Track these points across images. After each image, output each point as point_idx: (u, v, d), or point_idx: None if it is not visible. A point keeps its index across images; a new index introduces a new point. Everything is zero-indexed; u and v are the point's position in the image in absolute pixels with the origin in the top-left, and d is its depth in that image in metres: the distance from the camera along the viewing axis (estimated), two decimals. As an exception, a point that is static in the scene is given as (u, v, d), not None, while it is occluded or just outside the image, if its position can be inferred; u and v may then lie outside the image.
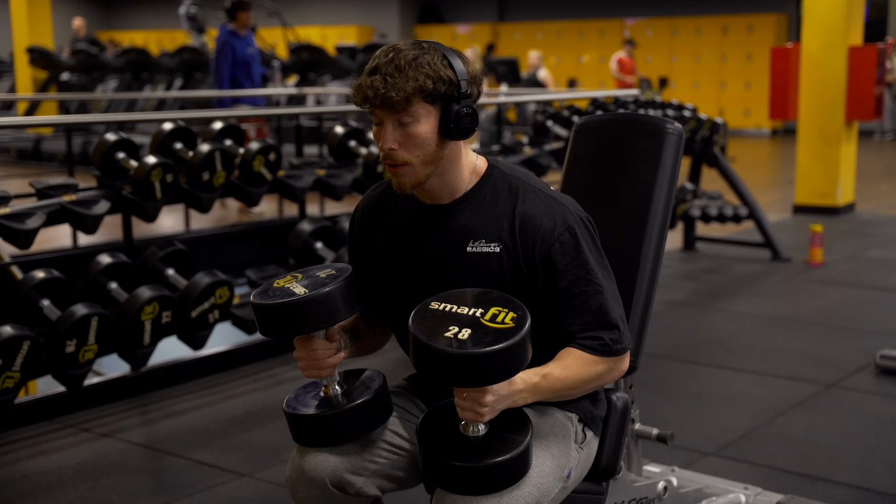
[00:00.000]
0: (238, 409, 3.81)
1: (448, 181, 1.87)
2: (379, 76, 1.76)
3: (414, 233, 1.92)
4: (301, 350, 1.83)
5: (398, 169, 1.82)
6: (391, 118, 1.79)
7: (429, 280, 1.88)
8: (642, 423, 2.50)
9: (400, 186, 1.84)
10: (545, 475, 1.80)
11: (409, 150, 1.80)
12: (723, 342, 4.66)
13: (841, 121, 7.99)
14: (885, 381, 4.04)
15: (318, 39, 17.76)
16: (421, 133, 1.79)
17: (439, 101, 1.79)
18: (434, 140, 1.81)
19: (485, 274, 1.85)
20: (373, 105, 1.78)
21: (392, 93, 1.74)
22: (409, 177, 1.83)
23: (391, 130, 1.79)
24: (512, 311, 1.71)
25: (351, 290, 1.83)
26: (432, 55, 1.78)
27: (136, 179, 3.91)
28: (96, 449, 3.39)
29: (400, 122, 1.78)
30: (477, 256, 1.85)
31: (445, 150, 1.83)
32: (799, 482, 3.06)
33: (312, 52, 11.59)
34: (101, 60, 13.38)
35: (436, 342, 1.66)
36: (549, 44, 17.99)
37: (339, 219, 4.70)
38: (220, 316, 3.93)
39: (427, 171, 1.83)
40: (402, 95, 1.75)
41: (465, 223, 1.87)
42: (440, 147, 1.82)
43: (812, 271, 6.11)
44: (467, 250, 1.86)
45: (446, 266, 1.88)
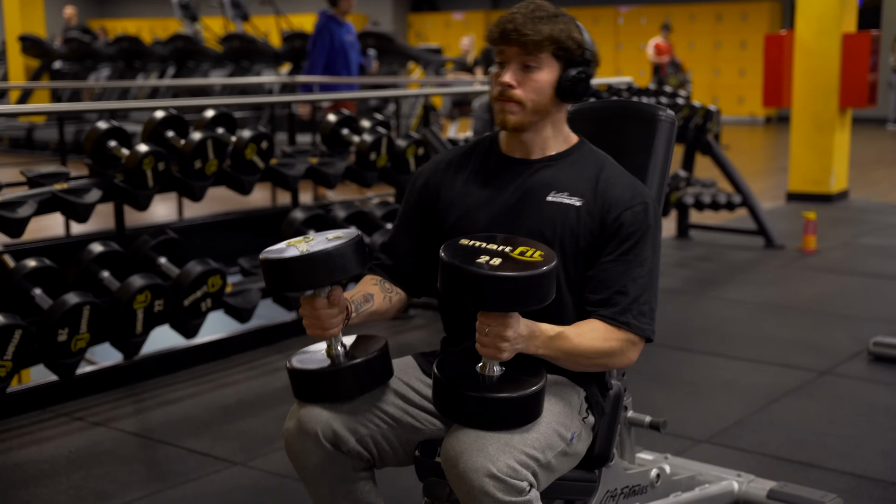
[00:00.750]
0: (231, 397, 3.81)
1: (543, 139, 2.01)
2: (520, 16, 1.91)
3: (494, 182, 2.02)
4: (306, 308, 1.87)
5: (509, 104, 1.94)
6: (518, 59, 1.93)
7: (502, 227, 1.96)
8: (635, 410, 2.51)
9: (503, 123, 1.97)
10: (551, 429, 1.84)
11: (525, 91, 1.94)
12: (716, 329, 4.67)
13: (835, 108, 7.99)
14: (877, 367, 4.05)
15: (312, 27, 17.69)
16: (541, 80, 1.94)
17: (563, 60, 1.94)
18: (549, 93, 1.95)
19: (561, 223, 1.94)
20: (507, 41, 1.92)
21: (529, 31, 1.89)
22: (516, 115, 1.95)
23: (514, 69, 1.94)
24: (539, 251, 1.79)
25: (356, 252, 1.87)
26: (569, 19, 1.96)
27: (127, 168, 3.89)
28: (89, 438, 3.39)
29: (525, 64, 1.93)
30: (556, 206, 1.96)
31: (553, 107, 1.98)
32: (791, 469, 3.07)
33: (306, 39, 11.53)
34: (94, 49, 13.33)
35: (468, 265, 1.72)
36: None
37: (332, 207, 4.69)
38: (212, 304, 3.92)
39: (532, 118, 1.97)
40: (537, 38, 1.90)
41: (548, 177, 1.99)
42: (551, 102, 1.96)
43: (805, 259, 6.12)
44: (547, 199, 1.97)
45: (521, 213, 1.97)
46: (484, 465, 1.70)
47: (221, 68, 12.35)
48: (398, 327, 4.77)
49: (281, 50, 11.70)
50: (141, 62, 13.05)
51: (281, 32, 12.35)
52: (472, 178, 2.05)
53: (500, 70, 1.96)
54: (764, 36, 8.71)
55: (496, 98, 1.97)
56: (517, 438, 1.76)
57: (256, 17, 14.35)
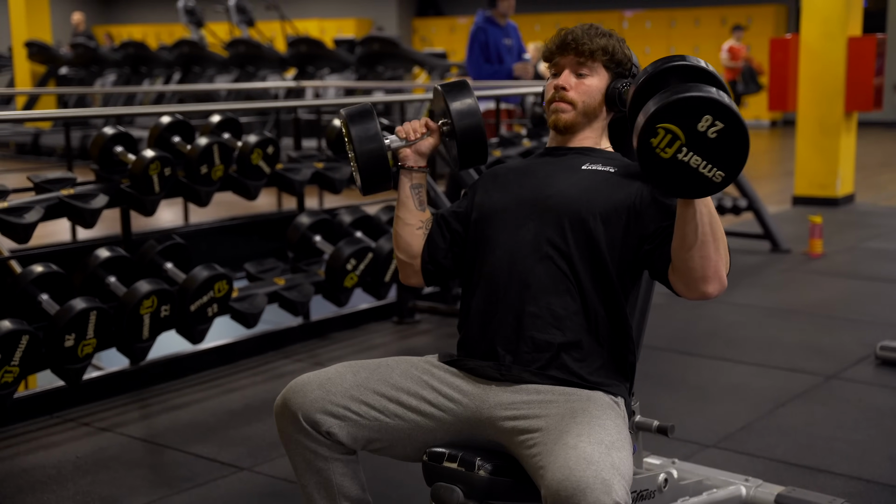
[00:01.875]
0: (238, 402, 3.81)
1: (586, 140, 2.19)
2: (579, 30, 2.16)
3: (532, 164, 2.20)
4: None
5: (562, 104, 2.15)
6: (572, 66, 2.15)
7: (535, 190, 2.10)
8: (642, 415, 2.49)
9: (556, 122, 2.16)
10: (628, 450, 1.84)
11: (577, 93, 2.14)
12: (722, 334, 4.66)
13: (840, 112, 7.97)
14: (885, 372, 4.03)
15: (317, 32, 17.73)
16: (592, 86, 2.15)
17: (613, 71, 2.16)
18: (598, 98, 2.15)
19: (596, 185, 2.05)
20: (564, 50, 2.15)
21: (586, 41, 2.13)
22: (568, 114, 2.15)
23: (569, 75, 2.15)
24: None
25: None
26: (620, 38, 2.19)
27: (134, 173, 3.90)
28: (96, 443, 3.39)
29: (578, 72, 2.15)
30: (591, 171, 2.10)
31: (601, 113, 2.18)
32: (799, 474, 3.06)
33: (311, 45, 11.57)
34: (100, 54, 13.36)
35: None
36: (547, 36, 17.74)
37: (338, 212, 4.69)
38: (218, 310, 3.92)
39: (582, 120, 2.16)
40: (593, 47, 2.13)
41: (584, 156, 2.15)
42: (599, 107, 2.16)
43: (812, 262, 6.10)
44: (583, 168, 2.11)
45: (556, 178, 2.11)
46: (611, 499, 1.68)
47: (227, 73, 12.37)
48: (403, 332, 4.78)
49: (286, 55, 11.71)
50: (147, 67, 13.08)
51: (286, 37, 12.38)
52: (522, 165, 2.22)
53: (554, 79, 2.18)
54: (769, 39, 8.70)
55: (549, 101, 2.17)
56: (625, 466, 1.76)
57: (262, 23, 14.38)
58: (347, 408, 1.98)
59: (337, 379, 2.01)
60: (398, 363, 2.08)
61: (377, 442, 2.03)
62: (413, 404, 2.01)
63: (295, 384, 2.02)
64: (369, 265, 4.30)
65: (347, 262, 4.21)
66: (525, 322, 2.00)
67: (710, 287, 1.90)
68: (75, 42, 14.03)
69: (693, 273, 1.89)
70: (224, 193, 4.38)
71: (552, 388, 1.95)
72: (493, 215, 2.11)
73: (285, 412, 2.01)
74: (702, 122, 1.70)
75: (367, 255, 4.28)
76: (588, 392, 1.95)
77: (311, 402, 1.98)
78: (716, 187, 1.75)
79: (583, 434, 1.78)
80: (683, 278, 1.91)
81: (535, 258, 2.03)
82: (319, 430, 1.98)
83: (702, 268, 1.88)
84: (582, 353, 2.00)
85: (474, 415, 1.99)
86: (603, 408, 1.90)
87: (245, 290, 4.13)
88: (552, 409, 1.90)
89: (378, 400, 2.00)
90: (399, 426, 2.01)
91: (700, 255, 1.87)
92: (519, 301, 2.02)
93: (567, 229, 2.03)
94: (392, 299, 4.93)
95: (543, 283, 2.01)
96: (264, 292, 4.16)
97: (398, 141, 2.16)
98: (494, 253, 2.07)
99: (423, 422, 2.01)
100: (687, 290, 1.93)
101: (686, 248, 1.87)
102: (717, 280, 1.90)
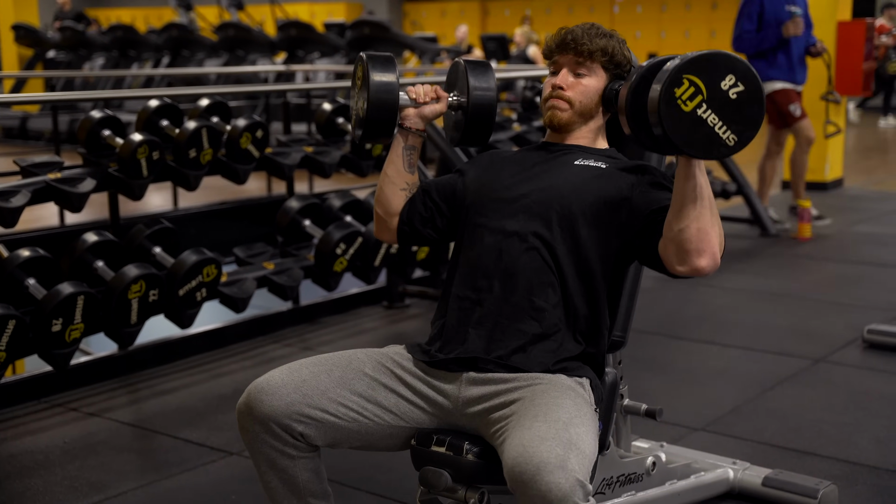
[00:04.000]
0: (227, 387, 3.81)
1: (582, 138, 2.20)
2: (579, 29, 2.15)
3: (527, 156, 2.21)
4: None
5: (559, 102, 2.15)
6: (571, 66, 2.16)
7: (526, 182, 2.11)
8: (631, 398, 2.51)
9: (551, 119, 2.17)
10: (593, 431, 1.85)
11: (574, 93, 2.15)
12: (711, 317, 4.67)
13: (830, 96, 7.96)
14: (872, 355, 4.05)
15: (307, 16, 17.63)
16: (589, 86, 2.15)
17: (611, 72, 2.16)
18: (595, 99, 2.16)
19: (586, 182, 2.07)
20: (564, 49, 2.15)
21: (586, 41, 2.13)
22: (565, 112, 2.16)
23: (567, 74, 2.16)
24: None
25: None
26: (620, 39, 2.19)
27: (121, 157, 3.88)
28: (84, 428, 3.39)
29: (577, 72, 2.15)
30: (583, 166, 2.12)
31: (598, 114, 2.19)
32: (786, 456, 3.08)
33: (301, 28, 11.52)
34: (88, 38, 13.27)
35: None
36: (538, 20, 17.91)
37: (328, 196, 4.68)
38: (207, 294, 3.91)
39: (578, 120, 2.17)
40: (592, 47, 2.13)
41: (578, 152, 2.16)
42: (596, 108, 2.17)
43: (800, 246, 6.12)
44: (575, 163, 2.13)
45: (548, 171, 2.12)
46: (571, 478, 1.67)
47: (216, 57, 12.31)
48: (393, 316, 4.77)
49: (276, 39, 11.66)
50: (135, 51, 13.01)
51: (276, 21, 12.32)
52: (516, 155, 2.24)
53: (552, 77, 2.18)
54: (759, 24, 8.67)
55: (546, 98, 2.18)
56: (583, 441, 1.76)
57: (251, 6, 14.30)
58: (325, 410, 1.96)
59: (312, 381, 1.97)
60: (369, 357, 2.06)
61: (354, 441, 2.02)
62: (390, 403, 2.01)
63: (266, 385, 1.97)
64: (359, 249, 4.30)
65: (337, 247, 4.21)
66: (505, 311, 2.01)
67: (703, 261, 1.89)
68: (63, 25, 13.92)
69: (688, 245, 1.88)
70: (214, 178, 4.36)
71: (517, 375, 1.96)
72: (485, 204, 2.12)
73: (253, 412, 1.95)
74: (726, 80, 1.76)
75: (356, 239, 4.27)
76: (550, 376, 1.96)
77: (287, 406, 1.94)
78: (727, 150, 1.78)
79: (539, 415, 1.80)
80: (677, 252, 1.90)
81: (520, 249, 2.04)
82: (293, 434, 1.95)
83: (697, 240, 1.87)
84: (556, 344, 2.01)
85: (448, 412, 2.01)
86: (562, 389, 1.91)
87: (234, 274, 4.12)
88: (515, 395, 1.92)
89: (356, 400, 1.99)
90: (377, 425, 2.00)
91: (697, 226, 1.87)
92: (501, 290, 2.03)
93: (555, 223, 2.04)
94: (382, 284, 4.93)
95: (527, 274, 2.02)
96: (253, 277, 4.15)
97: (406, 99, 2.18)
98: (483, 241, 2.08)
99: (399, 421, 2.02)
100: (679, 264, 1.91)
101: (683, 219, 1.87)
102: (711, 255, 1.89)
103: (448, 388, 2.01)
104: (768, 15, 6.13)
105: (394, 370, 2.04)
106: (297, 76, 11.25)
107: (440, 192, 2.22)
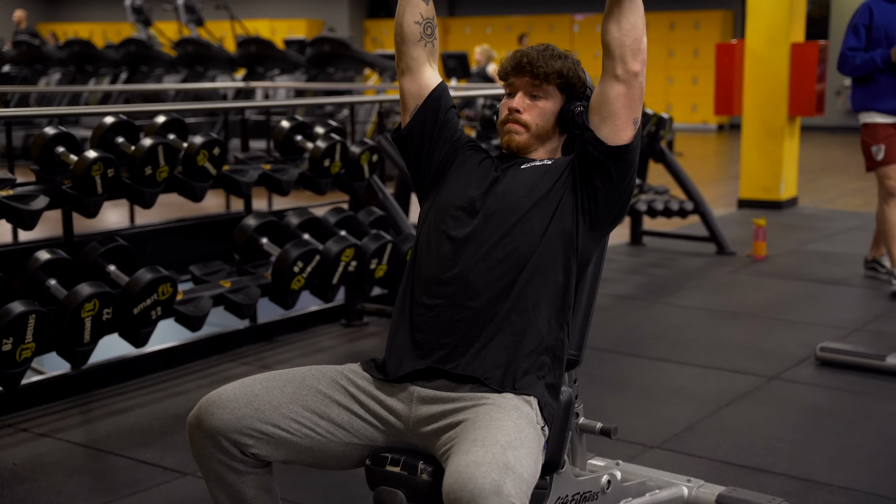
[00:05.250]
0: (182, 406, 3.77)
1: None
2: (534, 52, 2.18)
3: (489, 165, 2.23)
4: None
5: (515, 126, 2.18)
6: (526, 89, 2.19)
7: (480, 191, 2.14)
8: (586, 417, 2.52)
9: (509, 143, 2.20)
10: (533, 454, 1.85)
11: (531, 116, 2.18)
12: (668, 335, 4.71)
13: (784, 116, 8.11)
14: (824, 372, 4.11)
15: (267, 33, 17.60)
16: (545, 108, 2.19)
17: (567, 94, 2.20)
18: (552, 121, 2.20)
19: (534, 179, 2.13)
20: (520, 72, 2.18)
21: (541, 63, 2.16)
22: (521, 136, 2.19)
23: (522, 97, 2.19)
24: None
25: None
26: (575, 60, 2.23)
27: (75, 174, 3.83)
28: (34, 449, 3.33)
29: (532, 94, 2.18)
30: (531, 168, 2.17)
31: (555, 135, 2.22)
32: (740, 474, 3.10)
33: (261, 45, 11.49)
34: (44, 52, 13.12)
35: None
36: (498, 38, 18.03)
37: (286, 214, 4.66)
38: (162, 312, 3.87)
39: (535, 143, 2.20)
40: (548, 69, 2.16)
41: (529, 160, 2.20)
42: (553, 130, 2.21)
43: (756, 265, 6.20)
44: (522, 167, 2.18)
45: (500, 180, 2.16)
46: (506, 503, 1.68)
47: (175, 73, 12.23)
48: (351, 335, 4.76)
49: (236, 55, 11.61)
50: (93, 66, 12.88)
51: (236, 37, 12.26)
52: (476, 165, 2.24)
53: (508, 99, 2.21)
54: (715, 44, 8.82)
55: (503, 122, 2.21)
56: (521, 465, 1.76)
57: (211, 22, 14.24)
58: (277, 425, 1.95)
59: (265, 396, 1.96)
60: (323, 374, 2.05)
61: (306, 457, 2.01)
62: (343, 420, 2.00)
63: (217, 398, 1.96)
64: (316, 267, 4.28)
65: (294, 265, 4.19)
66: (461, 318, 2.02)
67: (638, 64, 2.05)
68: (18, 40, 13.75)
69: (627, 50, 2.04)
70: (172, 194, 4.33)
71: (464, 395, 1.97)
72: (446, 211, 2.14)
73: (203, 425, 1.94)
74: None
75: (314, 257, 4.26)
76: (496, 395, 1.96)
77: (238, 420, 1.93)
78: None
79: (477, 440, 1.80)
80: (616, 59, 2.05)
81: (476, 257, 2.05)
82: (242, 449, 1.94)
83: (635, 42, 2.04)
84: (510, 353, 2.01)
85: (401, 431, 2.01)
86: (506, 410, 1.91)
87: (190, 292, 4.09)
88: (461, 416, 1.92)
89: (308, 416, 1.98)
90: (329, 442, 2.00)
91: (634, 35, 2.03)
92: (456, 297, 2.03)
93: (508, 227, 2.07)
94: (340, 301, 4.91)
95: (483, 282, 2.03)
96: (209, 295, 4.11)
97: None
98: (440, 248, 2.09)
99: (352, 438, 2.01)
100: (616, 72, 2.05)
101: (623, 26, 2.03)
102: (642, 58, 2.06)
103: (400, 407, 2.01)
104: (877, 30, 5.19)
105: (348, 388, 2.03)
106: (257, 93, 11.21)
107: (449, 130, 2.26)
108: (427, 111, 2.23)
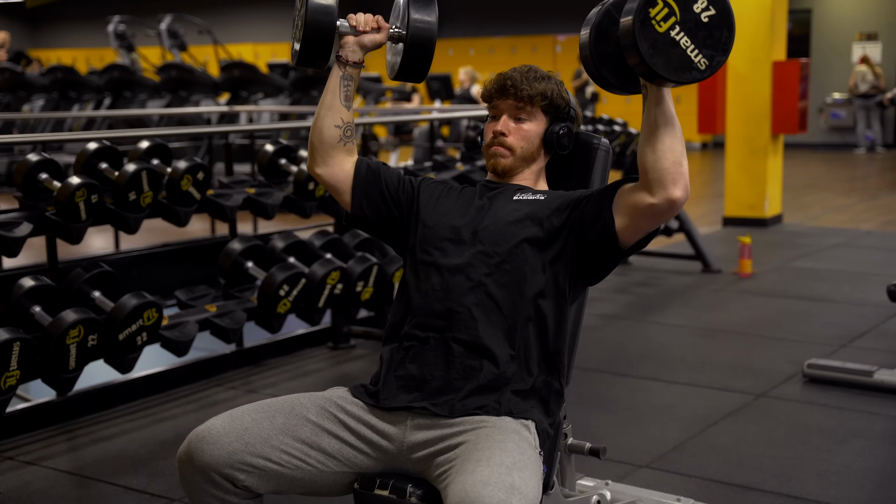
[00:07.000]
0: (169, 432, 3.74)
1: (524, 182, 2.22)
2: (517, 74, 2.18)
3: (472, 192, 2.21)
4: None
5: (501, 149, 2.18)
6: (511, 111, 2.19)
7: (469, 220, 2.12)
8: (575, 437, 2.51)
9: (495, 166, 2.20)
10: (537, 475, 1.84)
11: (516, 139, 2.18)
12: (655, 354, 4.71)
13: (767, 134, 8.16)
14: (812, 389, 4.11)
15: (250, 57, 17.64)
16: (530, 131, 2.19)
17: (551, 115, 2.20)
18: (537, 143, 2.20)
19: (529, 210, 2.10)
20: (504, 94, 2.17)
21: (525, 86, 2.16)
22: (507, 159, 2.19)
23: (507, 120, 2.19)
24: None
25: None
26: (558, 81, 2.22)
27: (59, 200, 3.82)
28: (19, 477, 3.30)
29: (517, 117, 2.18)
30: (522, 202, 2.14)
31: (540, 156, 2.22)
32: (729, 492, 3.10)
33: (244, 69, 11.49)
34: (27, 79, 13.10)
35: None
36: (482, 59, 18.10)
37: (271, 238, 4.65)
38: (148, 338, 3.85)
39: (521, 165, 2.20)
40: (532, 91, 2.16)
41: (518, 189, 2.19)
42: (538, 151, 2.21)
43: (741, 282, 6.21)
44: (514, 198, 2.15)
45: (490, 209, 2.13)
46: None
47: (159, 98, 12.22)
48: (338, 357, 4.74)
49: (219, 79, 11.61)
50: (76, 92, 12.86)
51: (219, 62, 12.28)
52: (455, 195, 2.22)
53: (493, 122, 2.21)
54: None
55: (488, 145, 2.20)
56: (526, 486, 1.76)
57: (194, 47, 14.26)
58: (268, 458, 1.94)
59: (255, 428, 1.95)
60: (312, 402, 2.04)
61: (298, 488, 2.00)
62: (334, 449, 1.99)
63: (206, 433, 1.94)
64: (302, 290, 4.27)
65: (280, 288, 4.17)
66: (453, 350, 2.01)
67: (679, 191, 1.94)
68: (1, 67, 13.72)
69: (665, 175, 1.93)
70: (157, 219, 4.31)
71: (463, 419, 1.96)
72: (432, 242, 2.12)
73: (194, 462, 1.93)
74: (698, 3, 1.81)
75: (299, 280, 4.25)
76: (495, 419, 1.96)
77: (229, 455, 1.91)
78: (699, 74, 1.83)
79: (482, 459, 1.79)
80: (653, 183, 1.94)
81: (466, 287, 2.04)
82: (235, 483, 1.92)
83: (674, 171, 1.93)
84: (504, 382, 2.01)
85: (393, 455, 2.00)
86: (507, 432, 1.91)
87: (176, 317, 4.07)
88: (461, 439, 1.92)
89: (299, 447, 1.97)
90: (320, 472, 1.99)
91: (672, 158, 1.93)
92: (449, 329, 2.02)
93: (499, 259, 2.06)
94: (327, 324, 4.89)
95: (473, 313, 2.03)
96: (195, 320, 4.09)
97: (347, 26, 2.16)
98: (429, 280, 2.08)
99: (343, 467, 2.00)
100: (653, 196, 1.95)
101: (658, 149, 1.93)
102: (684, 185, 1.95)
103: (392, 431, 2.00)
104: None
105: (337, 415, 2.02)
106: (241, 117, 11.21)
107: (392, 186, 2.21)
108: (366, 187, 2.19)
